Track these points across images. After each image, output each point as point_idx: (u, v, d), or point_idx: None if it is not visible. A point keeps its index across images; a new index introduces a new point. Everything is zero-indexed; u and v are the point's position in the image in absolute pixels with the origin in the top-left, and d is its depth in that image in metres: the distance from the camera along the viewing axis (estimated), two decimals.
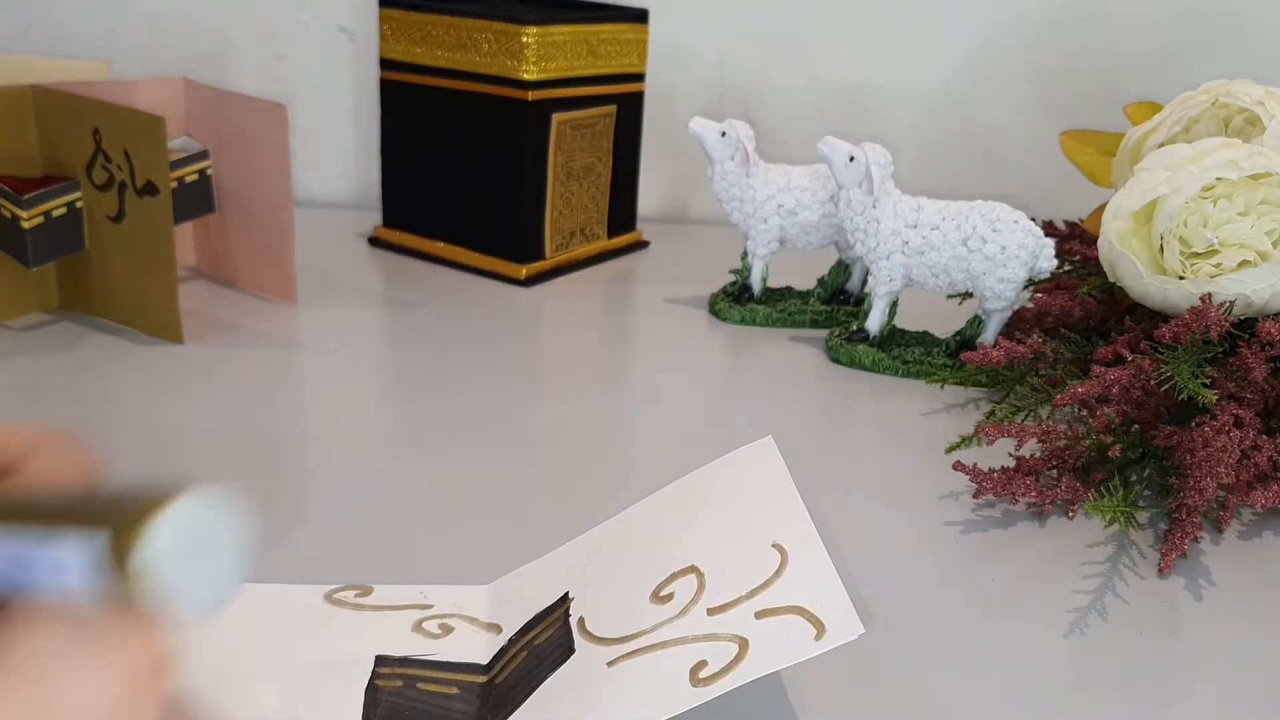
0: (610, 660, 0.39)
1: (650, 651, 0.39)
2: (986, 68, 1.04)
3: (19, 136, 0.66)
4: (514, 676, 0.40)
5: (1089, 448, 0.55)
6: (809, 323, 0.78)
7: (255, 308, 0.74)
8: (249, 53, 1.00)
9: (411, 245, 0.88)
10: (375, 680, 0.40)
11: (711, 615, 0.38)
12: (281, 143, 0.69)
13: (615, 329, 0.80)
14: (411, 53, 0.84)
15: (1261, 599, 0.48)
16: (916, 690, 0.40)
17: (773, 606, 0.37)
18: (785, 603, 0.37)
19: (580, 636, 0.41)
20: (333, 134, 1.04)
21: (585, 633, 0.41)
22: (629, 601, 0.41)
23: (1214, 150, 0.59)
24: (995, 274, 0.66)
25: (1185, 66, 1.02)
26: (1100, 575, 0.48)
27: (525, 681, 0.40)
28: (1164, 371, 0.54)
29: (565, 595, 0.43)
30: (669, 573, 0.41)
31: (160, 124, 0.62)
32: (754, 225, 0.76)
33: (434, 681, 0.40)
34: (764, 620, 0.37)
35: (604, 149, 0.88)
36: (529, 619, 0.42)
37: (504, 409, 0.62)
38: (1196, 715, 0.40)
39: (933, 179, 1.03)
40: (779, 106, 1.04)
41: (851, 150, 0.67)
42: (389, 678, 0.40)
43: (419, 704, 0.39)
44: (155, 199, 0.64)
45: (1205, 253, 0.58)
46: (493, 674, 0.41)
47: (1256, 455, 0.52)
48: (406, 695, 0.39)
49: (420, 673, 0.40)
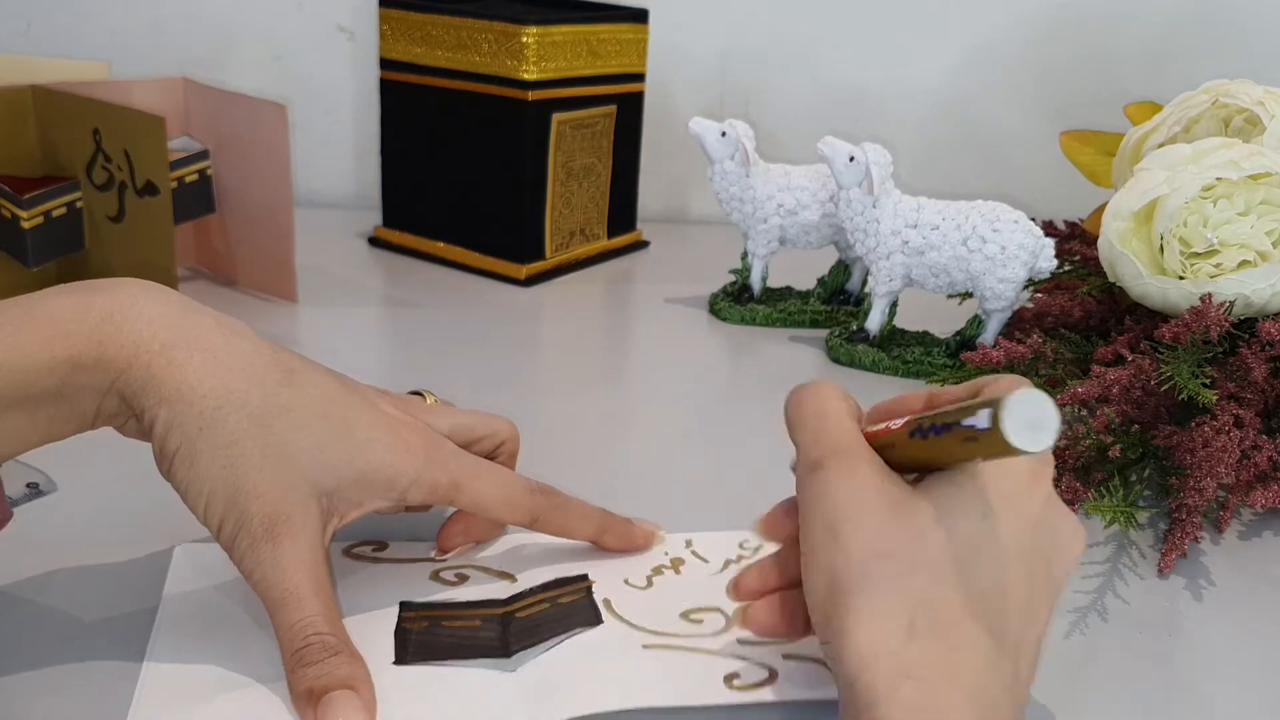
0: (645, 644, 0.41)
1: (686, 651, 0.40)
2: (986, 67, 1.04)
3: (19, 136, 0.66)
4: (537, 617, 0.41)
5: (1089, 447, 0.55)
6: (809, 323, 0.78)
7: (255, 308, 0.74)
8: (249, 52, 1.00)
9: (411, 245, 0.88)
10: (402, 624, 0.41)
11: (742, 645, 0.41)
12: (281, 142, 0.69)
13: (615, 329, 0.80)
14: (411, 52, 0.84)
15: (1261, 599, 0.48)
16: None
17: (798, 654, 0.40)
18: (810, 654, 0.40)
19: (609, 615, 0.42)
20: (333, 134, 1.04)
21: (614, 613, 0.42)
22: (659, 612, 0.43)
23: (1214, 150, 0.59)
24: (995, 274, 0.66)
25: (1185, 66, 1.02)
26: (1100, 575, 0.48)
27: (549, 626, 0.41)
28: (1164, 371, 0.54)
29: (585, 575, 0.44)
30: (697, 605, 0.43)
31: (160, 124, 0.62)
32: (754, 225, 0.76)
33: (458, 619, 0.41)
34: (790, 661, 0.40)
35: (604, 149, 0.88)
36: (548, 579, 0.44)
37: (504, 409, 0.62)
38: (1196, 715, 0.40)
39: (932, 179, 1.03)
40: (779, 106, 1.04)
41: (851, 150, 0.67)
42: (415, 620, 0.41)
43: (446, 637, 0.40)
44: (155, 199, 0.64)
45: (1205, 253, 0.58)
46: (513, 609, 0.42)
47: (1256, 455, 0.52)
48: (433, 633, 0.40)
49: (444, 614, 0.41)
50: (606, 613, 0.42)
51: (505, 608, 0.42)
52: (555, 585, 0.43)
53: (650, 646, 0.40)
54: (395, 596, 0.42)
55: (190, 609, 0.41)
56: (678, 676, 0.39)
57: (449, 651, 0.39)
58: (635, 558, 0.46)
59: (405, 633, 0.40)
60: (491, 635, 0.40)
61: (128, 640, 0.39)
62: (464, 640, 0.40)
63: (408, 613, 0.41)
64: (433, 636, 0.40)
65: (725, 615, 0.42)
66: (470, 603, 0.42)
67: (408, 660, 0.39)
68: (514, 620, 0.41)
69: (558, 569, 0.45)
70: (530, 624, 0.41)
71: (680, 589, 0.44)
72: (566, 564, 0.45)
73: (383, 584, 0.43)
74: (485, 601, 0.42)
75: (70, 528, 0.47)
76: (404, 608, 0.42)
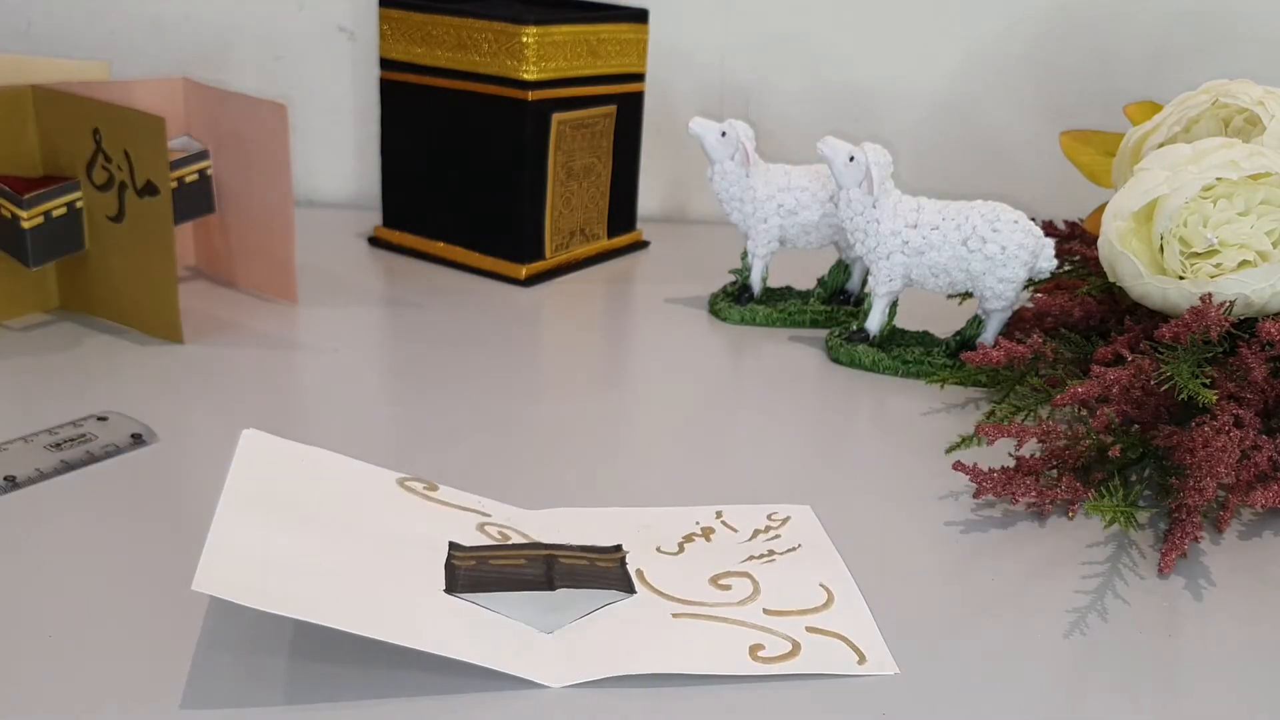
0: (675, 613, 0.42)
1: (713, 620, 0.42)
2: (987, 68, 1.04)
3: (19, 136, 0.66)
4: (577, 568, 0.43)
5: (1089, 448, 0.55)
6: (809, 323, 0.78)
7: (255, 308, 0.74)
8: (249, 52, 1.00)
9: (411, 245, 0.88)
10: (452, 560, 0.42)
11: (768, 615, 0.42)
12: (281, 143, 0.69)
13: (615, 329, 0.80)
14: (411, 52, 0.84)
15: (1261, 599, 0.48)
16: (916, 690, 0.40)
17: (821, 627, 0.42)
18: (831, 628, 0.42)
19: (641, 585, 0.43)
20: (333, 134, 1.04)
21: (646, 583, 0.44)
22: (688, 579, 0.44)
23: (1214, 150, 0.59)
24: (995, 274, 0.66)
25: (1185, 66, 1.02)
26: (1100, 575, 0.48)
27: (588, 578, 0.42)
28: (1164, 371, 0.54)
29: (619, 545, 0.46)
30: (726, 569, 0.45)
31: (160, 124, 0.62)
32: (754, 225, 0.76)
33: (504, 558, 0.43)
34: (813, 635, 0.41)
35: (604, 149, 0.88)
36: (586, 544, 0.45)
37: (504, 409, 0.62)
38: (1196, 715, 0.40)
39: (932, 179, 1.03)
40: (779, 106, 1.04)
41: (851, 150, 0.67)
42: (464, 559, 0.43)
43: (493, 573, 0.42)
44: (155, 199, 0.64)
45: (1205, 253, 0.58)
46: (556, 553, 0.44)
47: (1256, 455, 0.52)
48: (481, 570, 0.42)
49: (490, 554, 0.43)
50: (639, 583, 0.43)
51: (548, 551, 0.44)
52: (592, 549, 0.45)
53: (680, 615, 0.42)
54: (445, 535, 0.44)
55: (254, 487, 0.42)
56: (704, 646, 0.40)
57: (496, 584, 0.41)
58: (667, 528, 0.48)
59: (454, 568, 0.42)
60: (537, 571, 0.42)
61: None
62: (510, 574, 0.41)
63: (456, 552, 0.43)
64: (481, 573, 0.42)
65: (753, 580, 0.44)
66: (515, 544, 0.44)
67: (458, 590, 0.40)
68: (557, 562, 0.43)
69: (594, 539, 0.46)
70: (571, 569, 0.43)
71: (710, 555, 0.46)
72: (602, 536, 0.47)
73: (434, 519, 0.45)
74: (530, 544, 0.44)
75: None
76: (453, 548, 0.43)
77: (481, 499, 0.49)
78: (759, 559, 0.46)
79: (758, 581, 0.44)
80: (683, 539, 0.47)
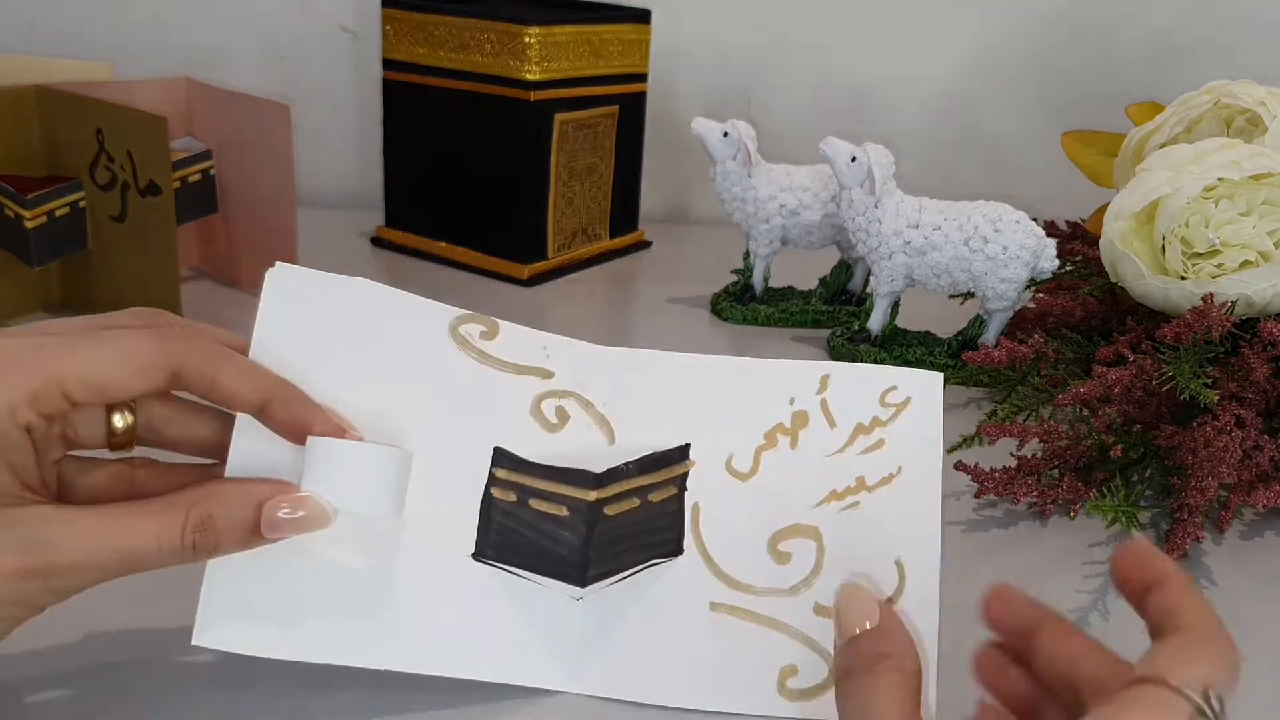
0: (714, 603, 0.39)
1: (753, 620, 0.39)
2: (988, 68, 1.04)
3: (22, 136, 0.67)
4: (621, 524, 0.39)
5: (1090, 447, 0.55)
6: (811, 323, 0.78)
7: (257, 308, 0.74)
8: (252, 53, 1.01)
9: (414, 245, 0.88)
10: (491, 489, 0.39)
11: (817, 615, 0.39)
12: (284, 143, 0.69)
13: (617, 329, 0.80)
14: (414, 53, 0.84)
15: (1262, 599, 0.48)
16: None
17: None
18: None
19: (692, 537, 0.40)
20: (335, 134, 1.04)
21: (698, 536, 0.40)
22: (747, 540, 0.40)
23: (1216, 150, 0.59)
24: (997, 274, 0.66)
25: (1187, 67, 1.02)
26: (1101, 575, 0.48)
27: (629, 545, 0.40)
28: (1165, 371, 0.54)
29: (687, 447, 0.41)
30: (793, 523, 0.40)
31: (163, 124, 0.62)
32: (756, 225, 0.76)
33: (546, 498, 0.39)
34: None
35: (606, 149, 0.88)
36: (645, 452, 0.41)
37: None
38: None
39: (934, 179, 1.03)
40: (781, 107, 1.04)
41: (853, 150, 0.67)
42: (504, 486, 0.39)
43: (528, 532, 0.39)
44: (158, 199, 0.64)
45: (1207, 253, 0.58)
46: (605, 495, 0.39)
47: (1258, 455, 0.53)
48: (519, 517, 0.39)
49: (534, 483, 0.39)
50: (691, 534, 0.40)
51: (597, 491, 0.39)
52: (651, 465, 0.40)
53: (717, 608, 0.39)
54: (493, 430, 0.40)
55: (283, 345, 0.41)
56: (731, 668, 0.38)
57: (527, 559, 0.39)
58: (753, 412, 0.41)
59: (490, 507, 0.39)
60: (574, 540, 0.39)
61: None
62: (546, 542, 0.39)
63: (499, 470, 0.39)
64: (515, 532, 0.39)
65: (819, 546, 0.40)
66: (564, 471, 0.39)
67: (487, 554, 0.39)
68: (600, 521, 0.39)
69: (660, 433, 0.41)
70: (614, 533, 0.39)
71: (786, 482, 0.41)
72: (672, 419, 0.42)
73: (485, 396, 0.40)
74: (578, 475, 0.39)
75: None
76: (498, 457, 0.39)
77: (546, 341, 0.43)
78: (843, 497, 0.40)
79: (824, 549, 0.39)
80: (765, 439, 0.41)
